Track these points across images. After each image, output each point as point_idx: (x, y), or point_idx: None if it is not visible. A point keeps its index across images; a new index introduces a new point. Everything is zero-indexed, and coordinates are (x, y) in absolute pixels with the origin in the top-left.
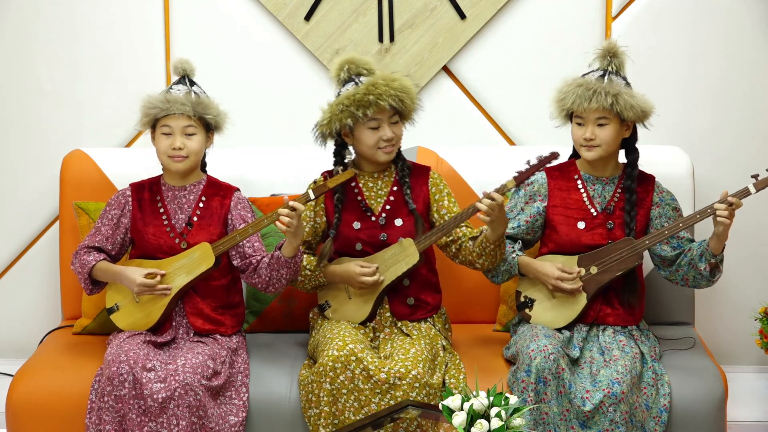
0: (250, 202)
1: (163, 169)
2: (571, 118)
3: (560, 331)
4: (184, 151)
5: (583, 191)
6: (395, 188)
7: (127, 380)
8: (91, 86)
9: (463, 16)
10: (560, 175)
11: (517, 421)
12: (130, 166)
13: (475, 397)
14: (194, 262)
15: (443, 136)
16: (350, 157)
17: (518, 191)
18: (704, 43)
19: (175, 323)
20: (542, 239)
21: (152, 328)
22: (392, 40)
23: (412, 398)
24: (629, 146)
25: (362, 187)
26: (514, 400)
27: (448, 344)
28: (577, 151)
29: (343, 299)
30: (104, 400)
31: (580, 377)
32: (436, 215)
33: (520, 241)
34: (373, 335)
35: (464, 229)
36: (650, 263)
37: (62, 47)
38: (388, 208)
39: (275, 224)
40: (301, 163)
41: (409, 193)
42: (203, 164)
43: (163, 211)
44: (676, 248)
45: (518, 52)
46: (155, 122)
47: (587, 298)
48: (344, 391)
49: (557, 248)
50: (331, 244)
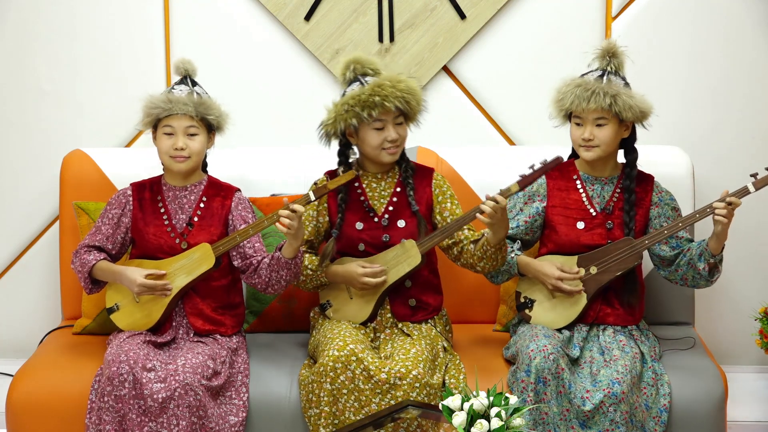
0: (250, 202)
1: (164, 169)
2: (569, 118)
3: (560, 330)
4: (186, 151)
5: (582, 191)
6: (398, 189)
7: (127, 380)
8: (91, 86)
9: (463, 16)
10: (559, 175)
11: (517, 421)
12: (130, 166)
13: (475, 397)
14: (194, 262)
15: (443, 136)
16: (354, 156)
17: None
18: (704, 43)
19: (175, 323)
20: (541, 239)
21: (152, 328)
22: (392, 40)
23: (412, 398)
24: (628, 146)
25: (365, 187)
26: (514, 400)
27: (448, 345)
28: (576, 151)
29: (344, 299)
30: (104, 400)
31: (580, 377)
32: (438, 217)
33: (519, 241)
34: (373, 335)
35: (466, 232)
36: (650, 263)
37: (62, 47)
38: (391, 209)
39: (275, 225)
40: (301, 163)
41: (412, 194)
42: (204, 164)
43: (163, 211)
44: (675, 248)
45: (518, 52)
46: (157, 122)
47: (587, 298)
48: (344, 391)
49: (556, 248)
50: (333, 244)
